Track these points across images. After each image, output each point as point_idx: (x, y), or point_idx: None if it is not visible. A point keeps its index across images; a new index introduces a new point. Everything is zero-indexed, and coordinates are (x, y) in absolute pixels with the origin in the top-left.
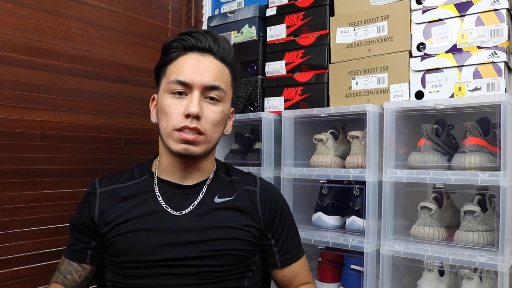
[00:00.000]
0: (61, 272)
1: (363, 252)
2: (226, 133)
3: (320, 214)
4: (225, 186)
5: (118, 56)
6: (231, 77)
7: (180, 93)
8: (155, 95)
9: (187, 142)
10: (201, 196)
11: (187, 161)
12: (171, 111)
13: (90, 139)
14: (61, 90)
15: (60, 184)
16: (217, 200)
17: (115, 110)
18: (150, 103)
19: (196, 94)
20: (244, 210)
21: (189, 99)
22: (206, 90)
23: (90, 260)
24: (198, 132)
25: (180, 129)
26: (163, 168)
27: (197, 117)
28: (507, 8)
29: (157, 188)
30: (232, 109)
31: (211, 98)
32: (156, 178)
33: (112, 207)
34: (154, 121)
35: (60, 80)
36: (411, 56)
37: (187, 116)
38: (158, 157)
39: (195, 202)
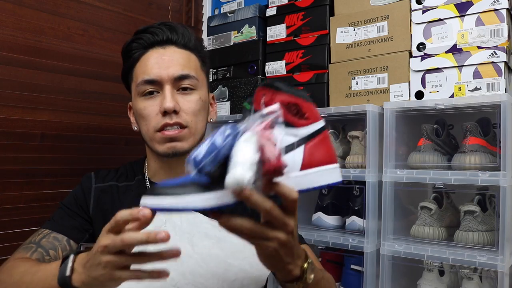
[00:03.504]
0: (41, 246)
1: (363, 252)
2: (211, 120)
3: (320, 214)
4: None
5: (118, 56)
6: (199, 62)
7: (151, 93)
8: (130, 103)
9: (171, 140)
10: None
11: (176, 161)
12: (147, 113)
13: (90, 139)
14: (61, 90)
15: (60, 184)
16: None
17: (115, 110)
18: (128, 112)
19: (167, 88)
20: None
21: (162, 96)
22: (177, 81)
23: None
24: (180, 126)
25: (161, 129)
26: (153, 171)
27: (174, 112)
28: (507, 8)
29: None
30: (212, 95)
31: (184, 89)
32: (148, 181)
33: (107, 207)
34: (135, 129)
35: (60, 80)
36: (411, 56)
37: (164, 113)
38: (147, 160)
39: None
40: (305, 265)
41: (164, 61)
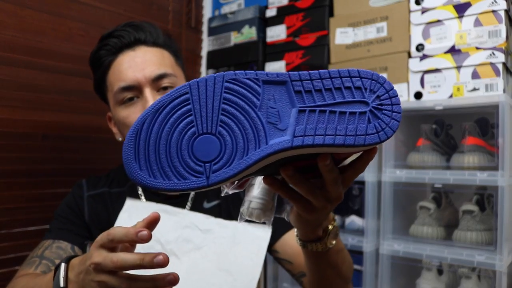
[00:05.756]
0: (45, 257)
1: (362, 252)
2: None
3: None
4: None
5: None
6: (173, 58)
7: (131, 99)
8: (109, 113)
9: None
10: (190, 204)
11: None
12: (131, 121)
13: (91, 139)
14: (62, 91)
15: (61, 184)
16: (206, 205)
17: None
18: (108, 123)
19: (147, 91)
20: (230, 211)
21: (143, 100)
22: (155, 82)
23: (85, 251)
24: None
25: None
26: None
27: None
28: (505, 9)
29: (143, 198)
30: None
31: (165, 88)
32: (139, 187)
33: (102, 215)
34: (120, 139)
35: (61, 80)
36: (410, 56)
37: None
38: None
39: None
40: (330, 227)
41: (137, 64)
